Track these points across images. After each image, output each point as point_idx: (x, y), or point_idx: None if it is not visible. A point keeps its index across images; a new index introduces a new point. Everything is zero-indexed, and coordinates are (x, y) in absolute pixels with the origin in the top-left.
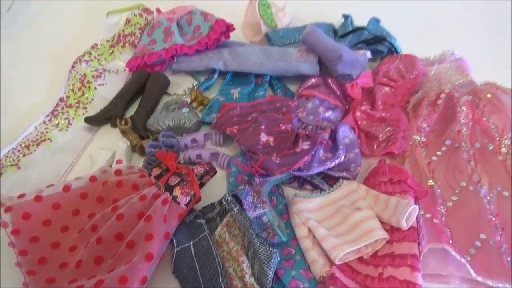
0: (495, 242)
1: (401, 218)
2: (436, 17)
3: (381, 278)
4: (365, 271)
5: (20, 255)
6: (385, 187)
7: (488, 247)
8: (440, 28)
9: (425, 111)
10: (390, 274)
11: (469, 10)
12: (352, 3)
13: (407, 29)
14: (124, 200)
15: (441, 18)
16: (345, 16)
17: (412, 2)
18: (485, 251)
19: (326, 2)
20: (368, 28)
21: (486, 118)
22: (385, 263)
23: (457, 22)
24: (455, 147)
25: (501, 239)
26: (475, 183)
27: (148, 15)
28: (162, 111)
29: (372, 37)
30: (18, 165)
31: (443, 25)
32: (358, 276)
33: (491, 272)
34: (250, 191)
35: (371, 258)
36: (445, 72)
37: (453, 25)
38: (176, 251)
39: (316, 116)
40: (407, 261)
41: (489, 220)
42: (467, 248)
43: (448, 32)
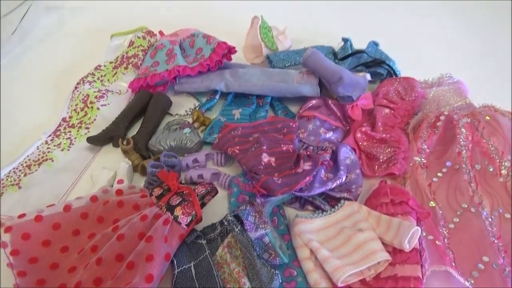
0: (498, 265)
1: (403, 240)
2: (433, 41)
3: None
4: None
5: (19, 276)
6: (387, 208)
7: (492, 270)
8: (438, 52)
9: (425, 133)
10: None
11: (466, 33)
12: (351, 27)
13: (405, 52)
14: (125, 220)
15: (438, 41)
16: (344, 40)
17: (410, 26)
18: (488, 274)
19: (326, 26)
20: (367, 51)
21: (485, 140)
22: (388, 286)
23: (454, 45)
24: (456, 169)
25: (504, 262)
26: (476, 204)
27: (151, 38)
28: (164, 131)
29: (371, 60)
30: (19, 184)
31: (441, 49)
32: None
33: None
34: (251, 212)
35: (374, 280)
36: (443, 94)
37: (451, 49)
38: (177, 272)
39: (317, 136)
40: (410, 284)
41: (491, 243)
42: (470, 271)
43: (446, 55)
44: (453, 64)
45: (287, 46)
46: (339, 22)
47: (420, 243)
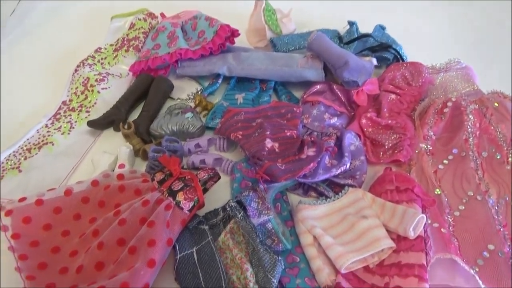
0: (503, 253)
1: (408, 227)
2: (441, 26)
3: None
4: (371, 281)
5: (20, 259)
6: (392, 195)
7: (497, 258)
8: (447, 37)
9: (432, 119)
10: (397, 284)
11: (473, 20)
12: (357, 10)
13: (413, 36)
14: (127, 205)
15: (446, 27)
16: (350, 23)
17: (418, 10)
18: (493, 262)
19: (331, 9)
20: (373, 35)
21: (493, 127)
22: (392, 273)
23: (462, 30)
24: (462, 156)
25: (509, 250)
26: (482, 192)
27: (152, 20)
28: (166, 116)
29: (377, 44)
30: (19, 168)
31: (448, 34)
32: (364, 285)
33: (500, 283)
34: (254, 198)
35: (377, 267)
36: (451, 80)
37: (458, 34)
38: (179, 257)
39: (321, 122)
40: (414, 271)
41: (497, 231)
42: (475, 259)
43: (453, 41)
44: (462, 50)
45: (291, 29)
46: (345, 5)
47: (425, 231)
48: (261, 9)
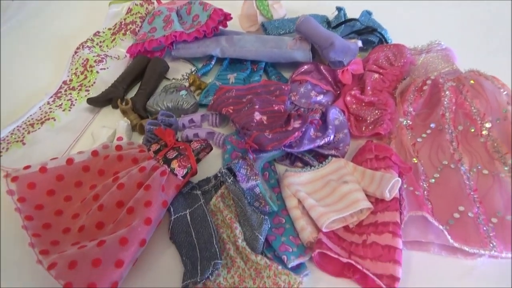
0: (473, 213)
1: (384, 190)
2: (424, 9)
3: (364, 245)
4: (350, 239)
5: (26, 220)
6: (371, 163)
7: (466, 218)
8: (428, 20)
9: (412, 96)
10: (373, 241)
11: (456, 4)
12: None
13: (397, 20)
14: (125, 172)
15: (429, 10)
16: (338, 9)
17: None
18: (463, 222)
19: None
20: (360, 19)
21: (468, 103)
22: (369, 231)
23: (444, 14)
24: (439, 130)
25: (478, 211)
26: (456, 161)
27: (148, 5)
28: (161, 93)
29: (363, 28)
30: (23, 141)
31: (431, 17)
32: (343, 243)
33: (468, 240)
34: (243, 165)
35: (356, 227)
36: (432, 61)
37: (441, 17)
38: (173, 218)
39: (308, 99)
40: (389, 228)
41: (468, 195)
42: (447, 219)
43: (436, 23)
44: (443, 31)
45: (282, 14)
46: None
47: (400, 194)
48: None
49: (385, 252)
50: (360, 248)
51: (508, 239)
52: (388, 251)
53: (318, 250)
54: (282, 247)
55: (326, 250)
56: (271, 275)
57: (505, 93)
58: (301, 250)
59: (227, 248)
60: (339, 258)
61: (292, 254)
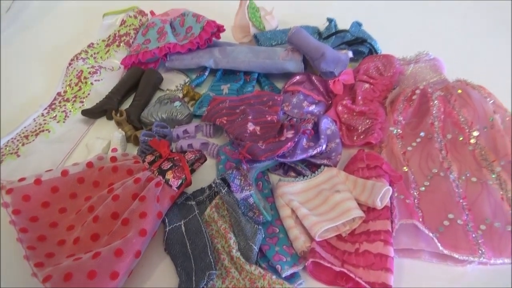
0: (462, 221)
1: (375, 198)
2: (414, 21)
3: (357, 253)
4: (343, 248)
5: (21, 232)
6: (363, 172)
7: (456, 225)
8: (417, 30)
9: (401, 106)
10: (365, 249)
11: (443, 14)
12: (337, 8)
13: (387, 31)
14: (120, 183)
15: (418, 21)
16: (329, 20)
17: (391, 9)
18: (453, 229)
19: (312, 7)
20: (350, 30)
21: (456, 112)
22: (361, 240)
23: (433, 25)
24: (429, 138)
25: (467, 219)
26: (445, 169)
27: (142, 17)
28: (156, 104)
29: (354, 39)
30: (18, 153)
31: (420, 28)
32: (336, 251)
33: (458, 247)
34: (237, 175)
35: (349, 236)
36: (420, 71)
37: (430, 28)
38: (168, 229)
39: (300, 109)
40: (381, 236)
41: (457, 202)
42: (437, 227)
43: (424, 34)
44: (432, 42)
45: (274, 26)
46: (325, 4)
47: (391, 202)
48: (245, 7)
49: (377, 260)
50: (353, 257)
51: (497, 245)
52: (380, 259)
53: (311, 259)
54: (276, 256)
55: (319, 259)
56: (265, 285)
57: (491, 102)
58: (295, 259)
59: (221, 258)
60: (332, 267)
61: (286, 264)
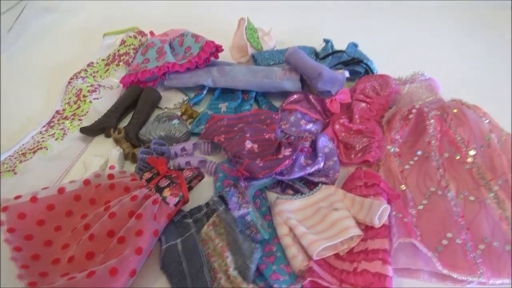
0: (461, 240)
1: (373, 217)
2: (409, 42)
3: (355, 272)
4: (341, 267)
5: (15, 251)
6: (361, 190)
7: (454, 245)
8: (412, 52)
9: (398, 124)
10: (364, 268)
11: (438, 35)
12: (333, 29)
13: (382, 52)
14: (116, 200)
15: (413, 42)
16: (326, 41)
17: (387, 30)
18: (451, 248)
19: (309, 28)
20: (347, 51)
21: (453, 131)
22: (360, 259)
23: (428, 46)
24: (426, 157)
25: (466, 238)
26: (443, 188)
27: (142, 37)
28: (154, 122)
29: (350, 59)
30: (15, 170)
31: (415, 49)
32: (334, 271)
33: (456, 266)
34: (235, 193)
35: (347, 254)
36: (416, 90)
37: (424, 49)
38: (164, 248)
39: (298, 128)
40: (379, 255)
41: (455, 221)
42: (435, 246)
43: (420, 55)
44: (428, 64)
45: (271, 46)
46: (321, 25)
47: (389, 221)
48: (243, 27)
49: (375, 279)
50: (351, 276)
51: (496, 266)
52: (378, 278)
53: (309, 278)
54: (274, 275)
55: (317, 279)
56: None
57: (487, 122)
58: (293, 278)
59: (218, 277)
60: (330, 287)
61: (284, 283)
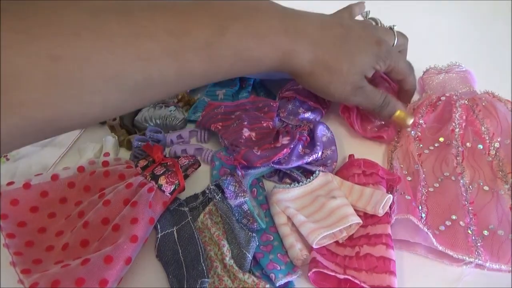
0: (464, 223)
1: (378, 207)
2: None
3: (358, 257)
4: (343, 253)
5: (8, 237)
6: (359, 178)
7: (457, 227)
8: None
9: (424, 109)
10: (367, 252)
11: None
12: None
13: None
14: (111, 188)
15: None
16: None
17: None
18: (453, 229)
19: None
20: None
21: (479, 121)
22: (361, 243)
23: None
24: (447, 144)
25: (470, 222)
26: (457, 174)
27: None
28: (150, 109)
29: None
30: (7, 157)
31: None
32: (337, 258)
33: (454, 245)
34: (232, 181)
35: (348, 240)
36: (450, 81)
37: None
38: (160, 236)
39: (296, 116)
40: (382, 240)
41: (463, 205)
42: (438, 226)
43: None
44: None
45: None
46: None
47: (390, 208)
48: None
49: (380, 263)
50: (354, 260)
51: (495, 251)
52: (383, 262)
53: (314, 269)
54: (270, 265)
55: (322, 269)
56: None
57: None
58: (290, 268)
59: (214, 266)
60: (336, 275)
61: (280, 272)
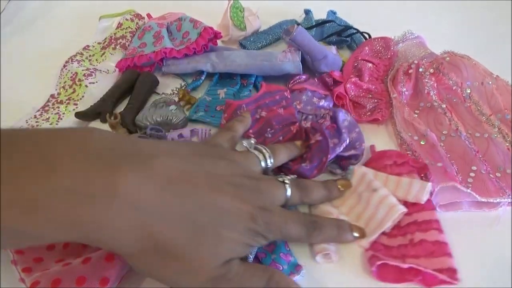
0: (484, 170)
1: (421, 195)
2: None
3: (413, 244)
4: (396, 243)
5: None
6: (391, 169)
7: (481, 175)
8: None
9: (403, 78)
10: (421, 238)
11: None
12: None
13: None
14: None
15: None
16: (306, 11)
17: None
18: (479, 179)
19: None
20: (335, 20)
21: (446, 77)
22: (412, 230)
23: None
24: (428, 107)
25: (487, 168)
26: (454, 130)
27: (139, 20)
28: (151, 108)
29: (342, 28)
30: None
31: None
32: (392, 250)
33: (490, 192)
34: None
35: (396, 230)
36: (409, 49)
37: None
38: None
39: (312, 106)
40: (433, 225)
41: (474, 156)
42: (466, 179)
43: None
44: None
45: (255, 27)
46: None
47: (431, 194)
48: (228, 6)
49: (436, 247)
50: (410, 248)
51: None
52: (439, 246)
53: (378, 262)
54: (273, 264)
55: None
56: None
57: (481, 68)
58: (292, 267)
59: None
60: (399, 265)
61: (283, 272)
